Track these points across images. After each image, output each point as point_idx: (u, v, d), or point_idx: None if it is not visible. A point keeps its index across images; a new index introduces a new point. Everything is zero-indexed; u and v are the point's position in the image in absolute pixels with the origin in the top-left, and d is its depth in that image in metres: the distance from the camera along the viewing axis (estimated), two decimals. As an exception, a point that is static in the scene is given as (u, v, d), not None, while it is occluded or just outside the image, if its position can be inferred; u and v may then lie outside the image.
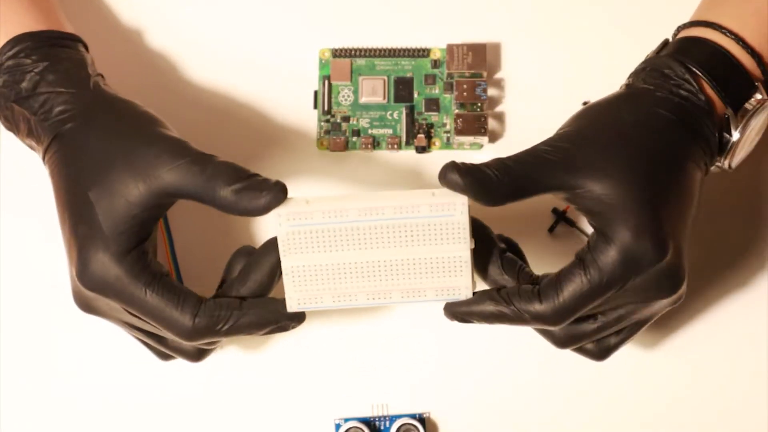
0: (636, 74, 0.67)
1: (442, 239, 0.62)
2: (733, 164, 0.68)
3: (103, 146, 0.63)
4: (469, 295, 0.64)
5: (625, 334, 0.67)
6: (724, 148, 0.66)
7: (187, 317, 0.63)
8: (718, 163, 0.67)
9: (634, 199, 0.62)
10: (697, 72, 0.65)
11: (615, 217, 0.62)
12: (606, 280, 0.62)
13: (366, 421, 0.73)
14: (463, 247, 0.63)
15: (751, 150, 0.69)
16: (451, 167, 0.62)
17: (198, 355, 0.67)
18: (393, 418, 0.73)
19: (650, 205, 0.62)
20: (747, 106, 0.66)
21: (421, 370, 0.74)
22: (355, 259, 0.62)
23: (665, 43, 0.69)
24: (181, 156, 0.63)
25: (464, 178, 0.61)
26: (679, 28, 0.69)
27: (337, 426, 0.73)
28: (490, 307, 0.63)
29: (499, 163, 0.62)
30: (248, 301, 0.64)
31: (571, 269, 0.62)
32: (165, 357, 0.69)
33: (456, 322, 0.65)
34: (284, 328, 0.64)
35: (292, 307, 0.64)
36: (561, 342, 0.66)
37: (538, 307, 0.62)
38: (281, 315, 0.64)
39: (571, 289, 0.62)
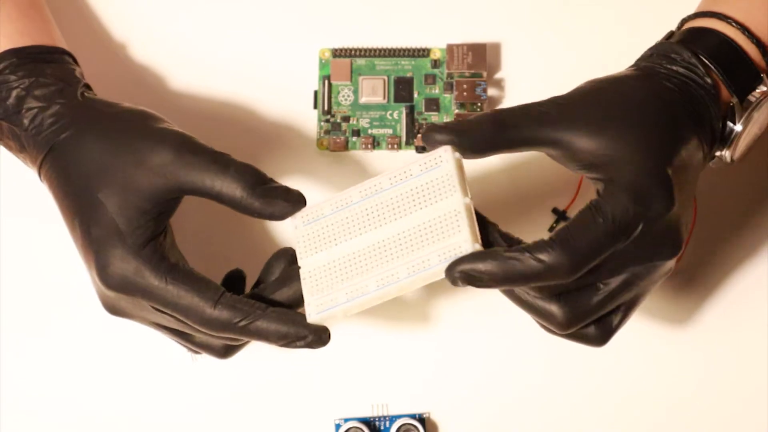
0: (641, 59, 0.67)
1: (437, 196, 0.62)
2: (735, 157, 0.67)
3: (107, 147, 0.63)
4: (469, 249, 0.60)
5: (623, 312, 0.64)
6: (726, 138, 0.66)
7: (209, 305, 0.62)
8: (718, 153, 0.67)
9: (638, 147, 0.61)
10: (704, 58, 0.65)
11: (621, 161, 0.61)
12: (620, 220, 0.60)
13: (366, 421, 0.73)
14: (457, 198, 0.61)
15: (752, 144, 0.69)
16: (431, 127, 0.62)
17: (225, 352, 0.67)
18: (393, 418, 0.73)
19: (655, 154, 0.61)
20: (751, 97, 0.66)
21: (421, 370, 0.74)
22: (362, 245, 0.62)
23: (671, 34, 0.68)
24: (199, 153, 0.63)
25: (445, 133, 0.62)
26: (684, 20, 0.69)
27: (337, 426, 0.73)
28: (502, 261, 0.59)
29: (485, 114, 0.63)
30: (274, 308, 0.63)
31: (582, 214, 0.61)
32: (196, 352, 0.69)
33: (459, 285, 0.61)
34: (309, 344, 0.63)
35: (311, 315, 0.63)
36: (566, 323, 0.63)
37: (552, 253, 0.59)
38: (301, 324, 0.63)
39: (586, 232, 0.60)
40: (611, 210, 0.60)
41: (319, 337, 0.63)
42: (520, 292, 0.63)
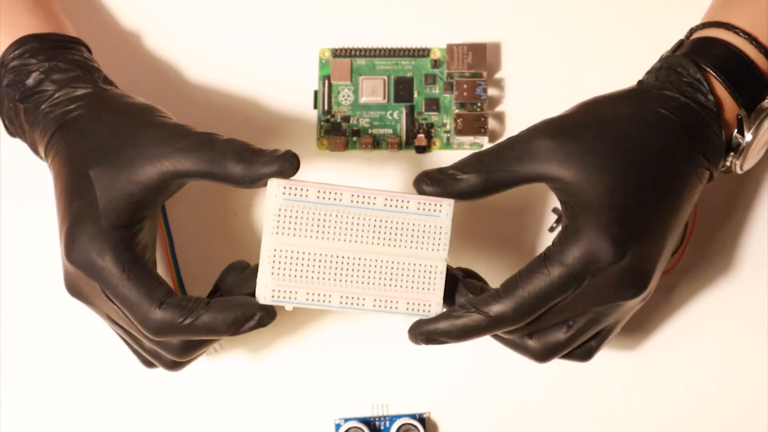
0: (651, 72, 0.67)
1: (423, 242, 0.64)
2: (744, 167, 0.67)
3: (110, 131, 0.64)
4: (438, 311, 0.64)
5: (603, 336, 0.66)
6: (735, 149, 0.66)
7: (154, 305, 0.62)
8: (727, 163, 0.67)
9: (603, 195, 0.62)
10: (710, 71, 0.65)
11: (581, 212, 0.62)
12: (565, 275, 0.62)
13: (366, 421, 0.73)
14: (441, 255, 0.64)
15: (762, 155, 0.69)
16: (422, 177, 0.64)
17: (173, 365, 0.67)
18: (393, 418, 0.73)
19: (619, 204, 0.62)
20: (760, 107, 0.66)
21: (421, 370, 0.74)
22: (337, 251, 0.63)
23: (679, 44, 0.68)
24: (186, 136, 0.63)
25: (436, 186, 0.64)
26: (692, 30, 0.69)
27: (337, 426, 0.73)
28: (453, 320, 0.63)
29: (472, 161, 0.64)
30: (215, 299, 0.63)
31: (532, 264, 0.63)
32: (148, 363, 0.69)
33: (421, 345, 0.65)
34: (262, 323, 0.63)
35: (265, 296, 0.63)
36: (538, 356, 0.65)
37: (497, 306, 0.62)
38: (247, 305, 0.63)
39: (531, 284, 0.62)
40: (558, 262, 0.62)
41: (267, 312, 0.63)
42: None
